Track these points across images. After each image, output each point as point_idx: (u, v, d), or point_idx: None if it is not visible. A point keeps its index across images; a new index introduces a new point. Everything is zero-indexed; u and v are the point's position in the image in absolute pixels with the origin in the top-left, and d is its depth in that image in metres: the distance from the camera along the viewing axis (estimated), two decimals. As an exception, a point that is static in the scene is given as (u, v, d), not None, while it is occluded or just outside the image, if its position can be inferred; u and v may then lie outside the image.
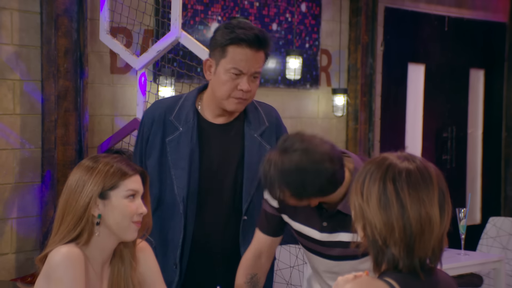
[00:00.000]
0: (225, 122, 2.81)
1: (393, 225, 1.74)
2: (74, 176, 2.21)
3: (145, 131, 2.82)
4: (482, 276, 5.07)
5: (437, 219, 1.76)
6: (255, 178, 2.75)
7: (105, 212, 2.19)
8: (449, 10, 7.08)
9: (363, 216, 1.78)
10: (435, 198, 1.77)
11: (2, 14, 4.30)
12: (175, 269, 2.75)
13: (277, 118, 2.89)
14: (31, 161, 4.42)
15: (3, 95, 4.31)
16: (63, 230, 2.19)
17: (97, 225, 2.19)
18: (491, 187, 7.61)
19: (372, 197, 1.76)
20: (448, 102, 7.21)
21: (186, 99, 2.83)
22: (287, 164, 2.19)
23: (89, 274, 2.21)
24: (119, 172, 2.21)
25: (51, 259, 2.15)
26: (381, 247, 1.76)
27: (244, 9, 5.55)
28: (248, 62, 2.68)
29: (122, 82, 4.88)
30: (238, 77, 2.69)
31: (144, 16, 4.77)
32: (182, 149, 2.75)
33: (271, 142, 2.81)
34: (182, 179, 2.73)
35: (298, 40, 5.90)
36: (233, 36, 2.68)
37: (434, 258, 1.79)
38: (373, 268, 1.80)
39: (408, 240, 1.74)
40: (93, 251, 2.22)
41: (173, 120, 2.78)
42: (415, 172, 1.77)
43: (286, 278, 3.92)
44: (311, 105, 6.06)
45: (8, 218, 4.34)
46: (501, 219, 5.12)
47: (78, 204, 2.18)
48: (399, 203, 1.74)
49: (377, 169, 1.79)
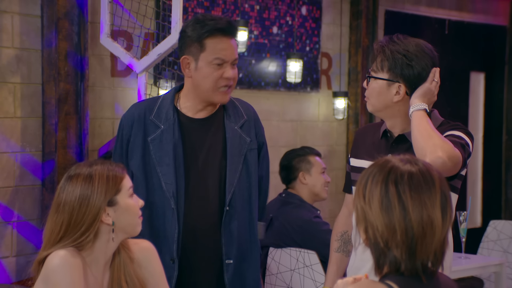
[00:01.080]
0: (205, 117, 2.86)
1: (395, 227, 1.74)
2: (73, 192, 2.21)
3: (124, 134, 2.86)
4: (482, 279, 5.07)
5: (439, 222, 1.76)
6: (237, 169, 2.82)
7: (116, 217, 2.23)
8: (449, 13, 7.08)
9: (365, 219, 1.78)
10: (437, 201, 1.76)
11: (3, 18, 4.31)
12: (172, 264, 2.78)
13: (255, 113, 2.97)
14: (32, 164, 4.42)
15: (4, 98, 4.31)
16: (66, 239, 2.19)
17: (113, 232, 2.22)
18: (492, 190, 7.61)
19: (374, 200, 1.76)
20: (448, 105, 7.21)
21: (164, 98, 2.88)
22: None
23: (87, 279, 2.21)
24: (116, 175, 2.25)
25: (49, 263, 2.15)
26: (383, 249, 1.76)
27: (244, 12, 5.55)
28: (227, 50, 2.77)
29: (123, 85, 4.88)
30: (221, 67, 2.76)
31: (145, 19, 4.78)
32: (165, 146, 2.79)
33: (251, 135, 2.88)
34: (169, 175, 2.77)
35: (299, 43, 5.91)
36: (208, 29, 2.75)
37: (435, 261, 1.78)
38: (375, 271, 1.80)
39: (410, 242, 1.74)
40: (95, 255, 2.23)
41: (154, 119, 2.83)
42: (417, 175, 1.77)
43: (287, 282, 3.92)
44: (312, 108, 6.06)
45: (8, 222, 4.34)
46: (502, 222, 5.12)
47: (86, 217, 2.19)
48: (401, 206, 1.74)
49: (379, 171, 1.79)
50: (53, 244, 2.20)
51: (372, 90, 2.58)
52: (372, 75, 2.56)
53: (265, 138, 3.01)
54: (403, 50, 2.50)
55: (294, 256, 3.87)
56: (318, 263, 3.79)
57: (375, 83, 2.56)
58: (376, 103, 2.58)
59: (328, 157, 6.03)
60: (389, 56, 2.50)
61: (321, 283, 3.76)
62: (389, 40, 2.54)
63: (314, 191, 4.33)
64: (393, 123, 2.60)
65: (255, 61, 5.62)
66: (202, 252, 2.82)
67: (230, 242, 2.83)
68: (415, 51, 2.50)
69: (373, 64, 2.57)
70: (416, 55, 2.49)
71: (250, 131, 2.89)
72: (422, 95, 2.50)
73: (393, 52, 2.50)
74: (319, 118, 6.12)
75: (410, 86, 2.52)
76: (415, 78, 2.50)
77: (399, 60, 2.49)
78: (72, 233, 2.19)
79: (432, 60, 2.52)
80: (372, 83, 2.57)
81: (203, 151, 2.83)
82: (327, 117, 6.13)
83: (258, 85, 5.64)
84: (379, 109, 2.59)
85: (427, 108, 2.49)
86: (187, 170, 2.81)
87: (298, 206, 4.22)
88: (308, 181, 4.33)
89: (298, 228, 4.10)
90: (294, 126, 5.89)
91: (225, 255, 2.82)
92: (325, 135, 6.12)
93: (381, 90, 2.55)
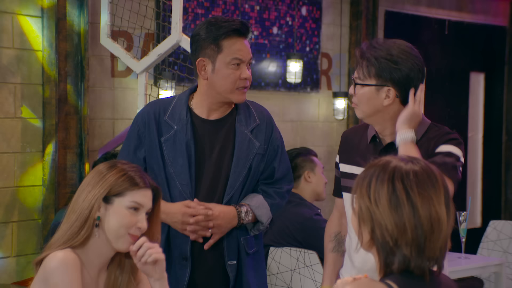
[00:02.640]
0: (217, 118, 2.87)
1: (405, 225, 1.74)
2: (87, 177, 2.23)
3: (139, 131, 2.87)
4: (482, 279, 5.07)
5: (444, 218, 1.77)
6: (241, 173, 2.83)
7: (105, 216, 2.19)
8: (449, 13, 7.09)
9: (371, 219, 1.77)
10: (442, 197, 1.78)
11: (3, 18, 4.31)
12: (185, 263, 2.80)
13: (269, 117, 2.96)
14: (32, 164, 4.43)
15: (4, 99, 4.31)
16: (66, 231, 2.19)
17: (96, 227, 2.18)
18: (492, 190, 7.61)
19: (382, 199, 1.76)
20: (448, 105, 7.22)
21: (179, 99, 2.90)
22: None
23: (84, 279, 2.21)
24: (130, 181, 2.20)
25: (47, 264, 2.15)
26: (392, 248, 1.76)
27: (244, 13, 5.56)
28: (244, 50, 2.80)
29: (123, 86, 4.88)
30: (239, 67, 2.79)
31: (145, 19, 4.78)
32: (178, 147, 2.81)
33: (260, 139, 2.88)
34: (184, 175, 2.79)
35: (299, 44, 5.91)
36: (224, 30, 2.77)
37: (440, 258, 1.79)
38: (379, 271, 1.80)
39: (419, 240, 1.74)
40: (90, 255, 2.22)
41: (168, 120, 2.84)
42: (421, 172, 1.78)
43: (287, 282, 3.92)
44: (312, 108, 6.06)
45: (9, 222, 4.35)
46: (502, 223, 5.12)
47: (84, 203, 2.19)
48: (410, 203, 1.75)
49: (383, 171, 1.79)
50: (60, 232, 2.19)
51: (361, 96, 2.55)
52: (359, 82, 2.54)
53: (282, 141, 3.00)
54: (386, 54, 2.49)
55: (294, 256, 3.88)
56: (318, 263, 3.79)
57: (363, 90, 2.54)
58: (366, 109, 2.56)
59: (328, 158, 6.03)
60: (374, 62, 2.50)
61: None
62: (370, 46, 2.52)
63: (317, 190, 4.34)
64: (383, 127, 2.59)
65: (255, 61, 5.62)
66: (210, 250, 2.84)
67: (229, 244, 2.86)
68: (398, 53, 2.50)
69: (359, 71, 2.55)
70: (401, 57, 2.50)
71: (260, 135, 2.89)
72: (408, 120, 2.50)
73: (378, 58, 2.49)
74: (319, 119, 6.12)
75: (400, 89, 2.52)
76: (404, 80, 2.51)
77: (385, 64, 2.49)
78: (71, 221, 2.18)
79: (417, 59, 2.53)
80: (360, 90, 2.55)
81: (214, 153, 2.84)
82: (327, 117, 6.13)
83: (258, 86, 5.65)
84: (369, 115, 2.58)
85: (414, 134, 2.50)
86: (197, 171, 2.83)
87: (298, 204, 4.22)
88: (312, 179, 4.34)
89: (299, 226, 4.10)
90: (294, 127, 5.90)
91: (227, 256, 2.85)
92: (325, 136, 6.12)
93: (370, 95, 2.54)
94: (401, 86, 2.51)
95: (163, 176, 2.82)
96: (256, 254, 2.94)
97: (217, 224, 2.79)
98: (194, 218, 2.76)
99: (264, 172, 2.92)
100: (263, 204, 2.90)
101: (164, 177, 2.82)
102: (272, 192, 2.93)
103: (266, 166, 2.91)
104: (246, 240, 2.90)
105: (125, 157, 2.87)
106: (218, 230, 2.81)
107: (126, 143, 2.90)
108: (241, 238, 2.87)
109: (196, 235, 2.80)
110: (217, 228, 2.80)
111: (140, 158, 2.86)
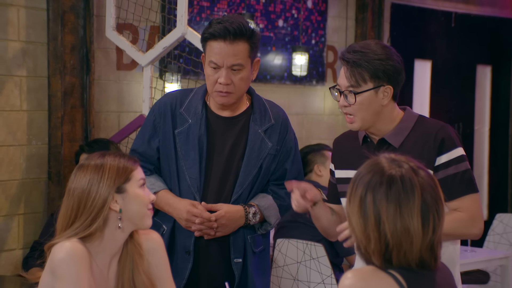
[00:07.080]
0: (231, 115, 2.86)
1: (369, 235, 1.76)
2: (83, 178, 2.23)
3: (155, 121, 2.87)
4: (489, 272, 5.07)
5: (417, 231, 1.74)
6: (251, 172, 2.82)
7: (124, 204, 2.24)
8: (456, 6, 7.06)
9: (350, 222, 1.81)
10: (416, 209, 1.75)
11: (9, 11, 4.31)
12: (188, 257, 2.80)
13: (284, 118, 2.93)
14: (38, 157, 4.43)
15: (10, 92, 4.32)
16: (78, 226, 2.21)
17: (120, 220, 2.23)
18: (498, 183, 7.60)
19: (355, 205, 1.79)
20: (454, 98, 7.20)
21: (196, 92, 2.89)
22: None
23: (92, 270, 2.22)
24: (128, 164, 2.27)
25: (55, 255, 2.17)
26: (364, 254, 1.79)
27: (250, 5, 5.55)
28: (222, 55, 2.73)
29: (128, 79, 4.88)
30: (218, 71, 2.76)
31: (150, 12, 4.77)
32: (191, 141, 2.81)
33: (273, 140, 2.86)
34: (194, 170, 2.79)
35: (304, 37, 5.90)
36: (209, 31, 2.77)
37: (428, 261, 1.78)
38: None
39: (385, 251, 1.75)
40: (103, 245, 2.24)
41: (183, 113, 2.84)
42: (397, 182, 1.77)
43: (293, 274, 3.92)
44: (317, 101, 6.05)
45: (15, 214, 4.36)
46: (508, 216, 5.11)
47: (95, 203, 2.21)
48: (376, 214, 1.76)
49: (366, 174, 1.81)
50: (65, 228, 2.21)
51: (361, 104, 2.52)
52: (357, 91, 2.51)
53: (296, 143, 2.97)
54: (374, 55, 2.49)
55: (301, 248, 3.88)
56: (324, 255, 3.79)
57: (362, 97, 2.51)
58: (366, 115, 2.53)
59: (334, 151, 6.03)
60: (367, 66, 2.48)
61: (328, 275, 3.76)
62: (353, 52, 2.50)
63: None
64: (376, 128, 2.57)
65: (261, 54, 5.61)
66: (214, 246, 2.84)
67: (236, 242, 2.85)
68: (382, 50, 2.51)
69: (350, 79, 2.51)
70: (385, 53, 2.50)
71: (274, 136, 2.87)
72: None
73: (369, 61, 2.48)
74: (324, 112, 6.11)
75: (393, 83, 2.52)
76: (396, 73, 2.51)
77: (378, 64, 2.49)
78: (83, 219, 2.20)
79: (392, 51, 2.54)
80: (358, 98, 2.51)
81: (225, 149, 2.83)
82: (333, 110, 6.12)
83: (263, 79, 5.64)
84: (369, 120, 2.54)
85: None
86: (208, 166, 2.82)
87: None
88: (323, 173, 4.34)
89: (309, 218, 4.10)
90: (300, 120, 5.89)
91: (233, 254, 2.84)
92: (330, 129, 6.11)
93: (371, 100, 2.51)
94: (394, 80, 2.52)
95: (174, 168, 2.82)
96: (263, 252, 2.93)
97: (222, 224, 2.79)
98: (198, 219, 2.76)
99: (276, 173, 2.90)
100: (272, 205, 2.89)
101: (175, 169, 2.82)
102: (282, 193, 2.91)
103: (277, 167, 2.90)
104: (253, 239, 2.89)
105: (139, 145, 2.88)
106: (222, 229, 2.80)
107: (142, 131, 2.91)
108: (248, 237, 2.87)
109: (201, 233, 2.80)
110: (221, 227, 2.79)
111: (154, 148, 2.87)
